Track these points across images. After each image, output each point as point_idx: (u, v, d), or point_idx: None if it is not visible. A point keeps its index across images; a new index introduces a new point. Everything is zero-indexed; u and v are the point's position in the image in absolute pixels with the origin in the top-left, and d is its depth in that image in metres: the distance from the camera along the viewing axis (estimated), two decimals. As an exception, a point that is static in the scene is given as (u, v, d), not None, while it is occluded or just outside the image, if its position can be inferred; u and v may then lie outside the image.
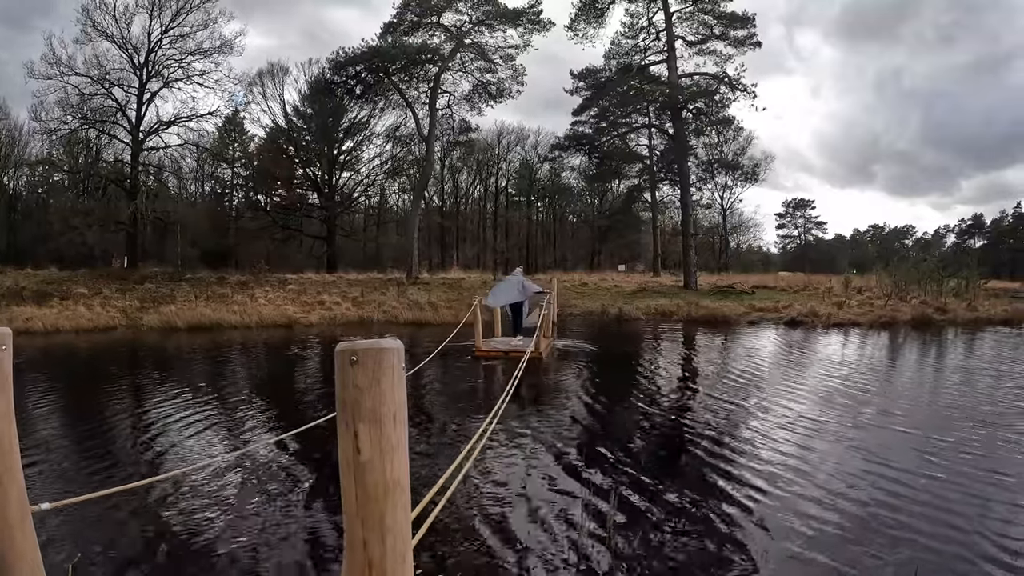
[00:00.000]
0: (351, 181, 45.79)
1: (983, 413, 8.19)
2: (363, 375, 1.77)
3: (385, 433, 1.79)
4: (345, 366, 1.78)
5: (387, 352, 1.80)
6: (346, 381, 1.79)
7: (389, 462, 1.81)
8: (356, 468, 1.78)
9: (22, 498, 2.56)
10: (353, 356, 1.77)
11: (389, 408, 1.80)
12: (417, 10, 35.74)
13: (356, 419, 1.77)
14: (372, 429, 1.77)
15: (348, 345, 1.80)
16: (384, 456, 1.80)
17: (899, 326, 21.10)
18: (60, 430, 7.35)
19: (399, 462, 1.83)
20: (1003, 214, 75.73)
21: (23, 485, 2.58)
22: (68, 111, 32.87)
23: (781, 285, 36.37)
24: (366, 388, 1.77)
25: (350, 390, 1.78)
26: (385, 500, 1.81)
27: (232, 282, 29.56)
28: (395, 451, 1.82)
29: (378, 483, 1.79)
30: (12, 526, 2.50)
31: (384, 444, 1.79)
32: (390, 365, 1.80)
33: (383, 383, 1.79)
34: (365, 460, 1.77)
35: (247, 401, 9.18)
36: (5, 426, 2.53)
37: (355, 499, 1.80)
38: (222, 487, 5.37)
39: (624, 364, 13.69)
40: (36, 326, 19.71)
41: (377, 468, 1.79)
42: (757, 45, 35.02)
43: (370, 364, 1.77)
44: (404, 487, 1.86)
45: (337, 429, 1.81)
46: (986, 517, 4.72)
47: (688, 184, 35.66)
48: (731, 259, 60.65)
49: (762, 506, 5.08)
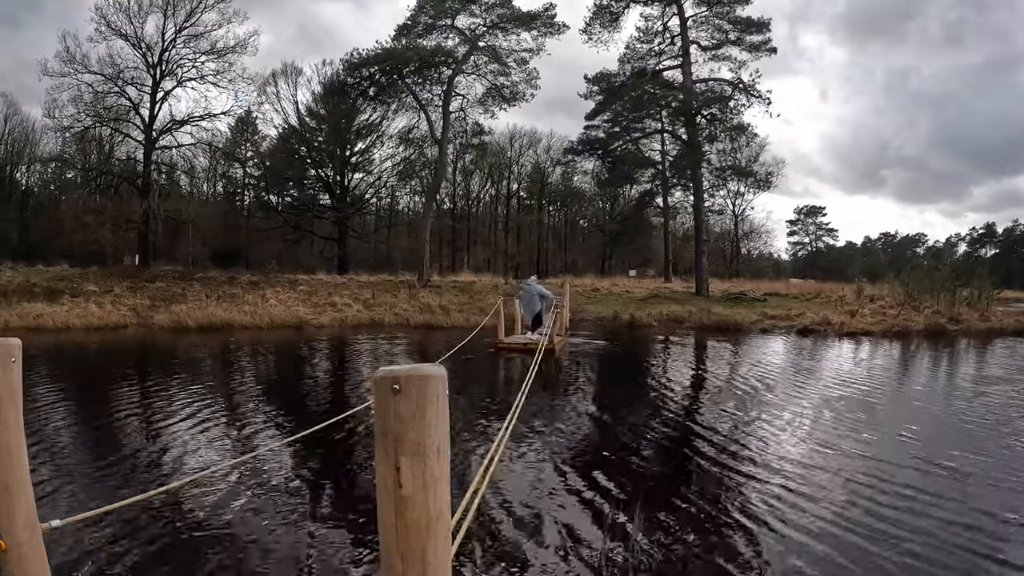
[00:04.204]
0: (363, 183, 45.92)
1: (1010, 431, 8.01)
2: (406, 405, 1.63)
3: (429, 466, 1.66)
4: (386, 395, 1.64)
5: (432, 380, 1.66)
6: (387, 411, 1.65)
7: (432, 496, 1.68)
8: (397, 502, 1.66)
9: (31, 515, 2.44)
10: (395, 384, 1.63)
11: (433, 440, 1.67)
12: (431, 12, 35.75)
13: (398, 452, 1.64)
14: (415, 463, 1.64)
15: (389, 372, 1.66)
16: (427, 490, 1.67)
17: (912, 336, 20.86)
18: (70, 435, 7.18)
19: (442, 494, 1.71)
20: (1015, 223, 75.28)
21: (32, 501, 2.47)
22: (81, 109, 33.14)
23: (793, 292, 36.15)
24: (409, 419, 1.64)
25: (391, 421, 1.64)
26: (427, 535, 1.69)
27: (243, 282, 29.61)
28: (438, 484, 1.69)
29: (420, 519, 1.67)
30: (20, 544, 2.38)
31: (427, 478, 1.66)
32: (435, 394, 1.67)
33: (428, 413, 1.66)
34: (407, 495, 1.64)
35: (262, 406, 9.04)
36: (14, 440, 2.41)
37: (395, 533, 1.68)
38: (238, 497, 5.24)
39: (636, 368, 13.59)
40: (47, 323, 19.76)
41: (420, 503, 1.66)
42: (772, 51, 34.87)
43: (413, 393, 1.64)
44: (446, 519, 1.73)
45: (376, 459, 1.69)
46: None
47: (701, 190, 35.45)
48: (742, 265, 60.35)
49: (776, 513, 5.03)
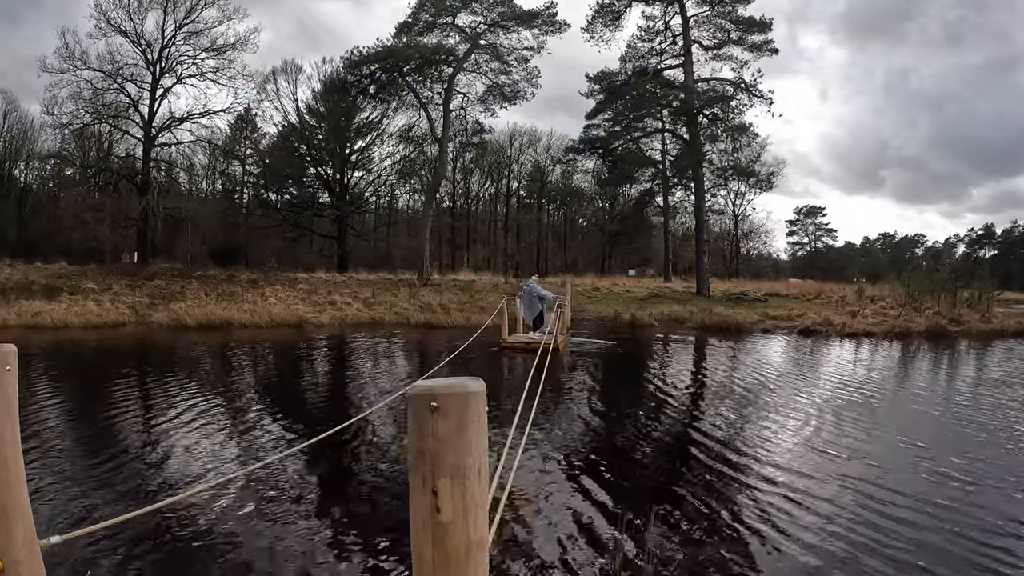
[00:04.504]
0: (363, 181, 45.74)
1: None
2: (445, 424, 1.50)
3: (470, 489, 1.53)
4: (423, 413, 1.51)
5: (472, 396, 1.53)
6: (424, 431, 1.52)
7: (473, 521, 1.55)
8: (435, 529, 1.52)
9: (29, 532, 2.35)
10: (433, 402, 1.50)
11: (474, 460, 1.54)
12: (432, 10, 35.58)
13: (436, 475, 1.51)
14: (455, 486, 1.51)
15: (426, 388, 1.53)
16: (468, 515, 1.54)
17: (913, 337, 20.78)
18: (68, 442, 6.92)
19: (482, 519, 1.58)
20: (1015, 224, 75.24)
21: (31, 517, 2.38)
22: (80, 105, 32.94)
23: (793, 293, 36.04)
24: (448, 439, 1.51)
25: (429, 441, 1.51)
26: (466, 563, 1.56)
27: (242, 280, 29.45)
28: (479, 508, 1.56)
29: (459, 546, 1.54)
30: (19, 563, 2.29)
31: (468, 502, 1.53)
32: (476, 411, 1.54)
33: (468, 432, 1.53)
34: (446, 521, 1.51)
35: (265, 410, 8.81)
36: (11, 455, 2.31)
37: (432, 563, 1.54)
38: (242, 510, 5.04)
39: (641, 369, 13.48)
40: (45, 321, 19.61)
41: (459, 529, 1.53)
42: (774, 51, 34.75)
43: (453, 411, 1.51)
44: (486, 546, 1.60)
45: (410, 484, 1.55)
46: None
47: (702, 190, 35.33)
48: (741, 265, 60.24)
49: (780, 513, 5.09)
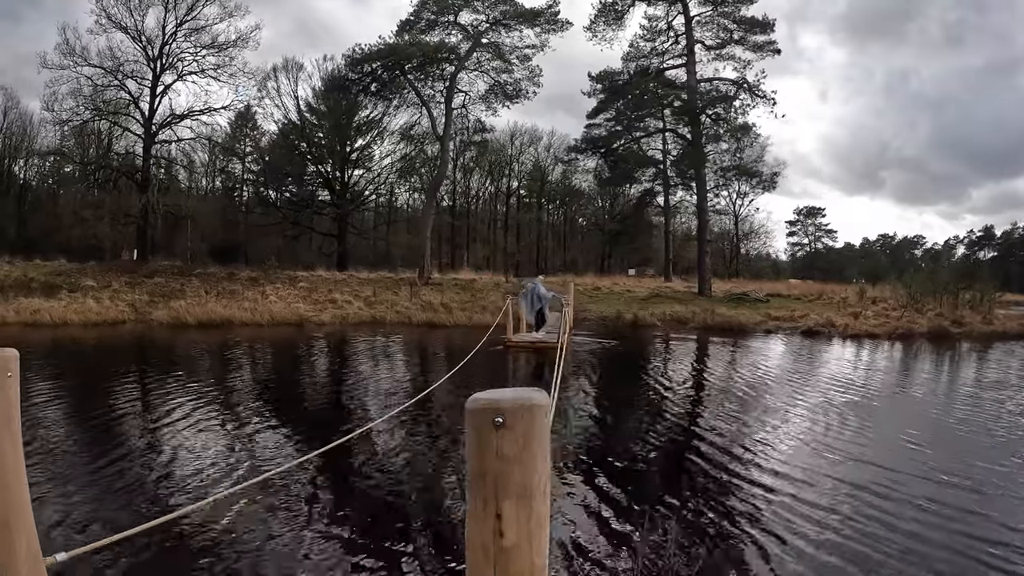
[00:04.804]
0: (363, 179, 45.56)
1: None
2: (511, 441, 1.37)
3: (535, 510, 1.40)
4: (485, 429, 1.38)
5: (539, 409, 1.40)
6: (486, 448, 1.39)
7: (537, 544, 1.42)
8: (497, 555, 1.39)
9: (33, 549, 2.18)
10: (498, 417, 1.37)
11: (540, 479, 1.41)
12: (434, 8, 35.43)
13: (501, 496, 1.38)
14: (520, 507, 1.38)
15: (489, 401, 1.39)
16: (532, 538, 1.41)
17: (916, 338, 20.76)
18: (70, 449, 6.60)
19: (545, 542, 1.44)
20: (1014, 226, 75.16)
21: (34, 533, 2.20)
22: (80, 102, 32.75)
23: (794, 293, 35.95)
24: (514, 457, 1.37)
25: (492, 460, 1.38)
26: (529, 591, 1.43)
27: (242, 278, 29.28)
28: (543, 530, 1.43)
29: (523, 571, 1.41)
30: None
31: (533, 524, 1.40)
32: (542, 425, 1.41)
33: (534, 448, 1.40)
34: (510, 545, 1.38)
35: (273, 414, 8.57)
36: (12, 468, 2.12)
37: (492, 592, 1.41)
38: (253, 520, 4.87)
39: (646, 369, 13.38)
40: (44, 318, 19.48)
41: (524, 554, 1.40)
42: (776, 52, 34.63)
43: (520, 427, 1.37)
44: (546, 570, 1.48)
45: (468, 507, 1.42)
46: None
47: (705, 190, 35.25)
48: (741, 266, 60.13)
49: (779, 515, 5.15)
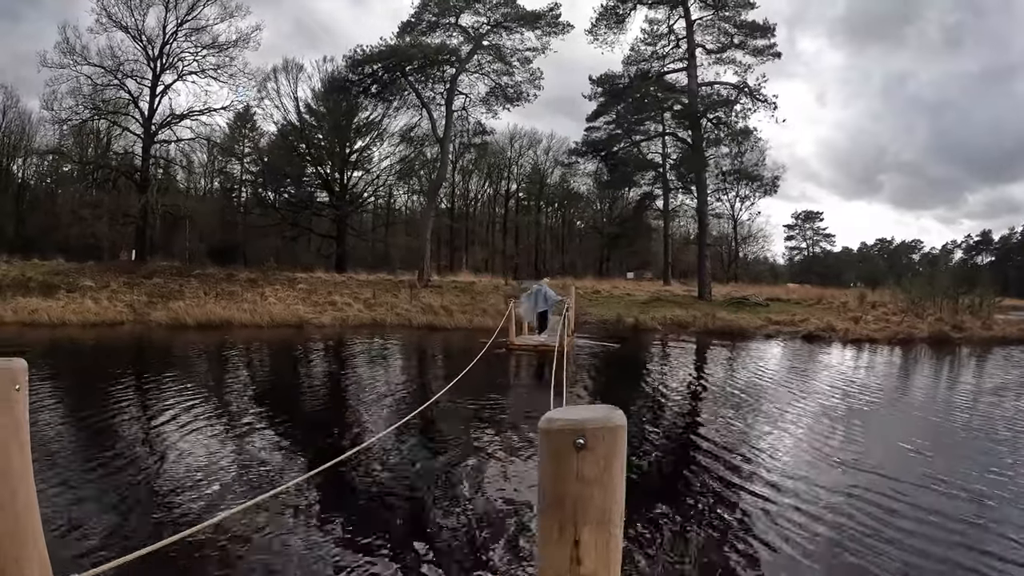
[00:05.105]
0: (362, 181, 45.37)
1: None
2: (592, 464, 1.30)
3: (614, 536, 1.33)
4: (566, 451, 1.30)
5: (621, 430, 1.33)
6: (566, 471, 1.31)
7: (614, 572, 1.35)
8: (574, 583, 1.32)
9: (45, 570, 2.09)
10: (580, 438, 1.29)
11: (619, 504, 1.34)
12: (435, 10, 35.33)
13: (580, 522, 1.30)
14: (599, 534, 1.31)
15: (569, 422, 1.31)
16: (611, 567, 1.33)
17: (916, 343, 20.78)
18: (74, 455, 6.31)
19: (619, 569, 1.38)
20: (1012, 231, 75.35)
21: (45, 555, 2.10)
22: (80, 101, 32.49)
23: (794, 297, 35.93)
24: (595, 481, 1.30)
25: (572, 484, 1.30)
26: (605, 620, 1.34)
27: (241, 279, 29.13)
28: (619, 556, 1.36)
29: (600, 601, 1.33)
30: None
31: (611, 551, 1.33)
32: (622, 447, 1.34)
33: (615, 470, 1.33)
34: (588, 573, 1.30)
35: (280, 420, 8.34)
36: (22, 486, 2.00)
37: (568, 625, 1.33)
38: (268, 534, 4.67)
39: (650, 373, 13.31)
40: (42, 318, 19.34)
41: (601, 583, 1.33)
42: (776, 56, 34.59)
43: (602, 448, 1.30)
44: (619, 599, 1.40)
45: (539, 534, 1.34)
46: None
47: (705, 194, 35.19)
48: (739, 269, 60.09)
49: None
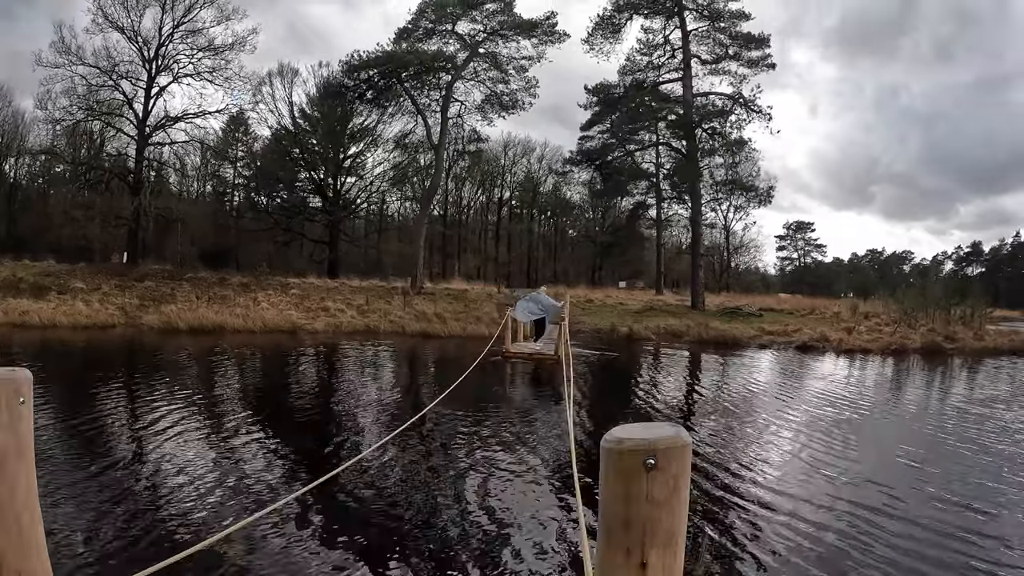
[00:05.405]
0: (355, 187, 45.25)
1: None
2: (662, 484, 1.26)
3: (678, 559, 1.30)
4: (635, 472, 1.26)
5: (688, 449, 1.30)
6: (636, 493, 1.27)
7: (679, 596, 1.31)
8: (640, 608, 1.28)
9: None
10: (651, 459, 1.25)
11: (683, 525, 1.31)
12: (432, 17, 35.37)
13: (648, 545, 1.27)
14: (667, 556, 1.27)
15: (641, 441, 1.27)
16: (676, 590, 1.30)
17: (909, 354, 20.90)
18: (70, 469, 6.09)
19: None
20: (1002, 242, 76.14)
21: (49, 569, 1.94)
22: (74, 101, 32.19)
23: (786, 308, 36.04)
24: (665, 502, 1.27)
25: (642, 505, 1.27)
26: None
27: (234, 283, 28.95)
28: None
29: (665, 626, 1.29)
30: None
31: (675, 574, 1.30)
32: (688, 466, 1.31)
33: (682, 491, 1.30)
34: (653, 597, 1.28)
35: (276, 430, 8.18)
36: (25, 508, 1.82)
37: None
38: (270, 548, 4.64)
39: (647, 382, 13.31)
40: (33, 320, 19.18)
41: (667, 607, 1.29)
42: (771, 67, 34.86)
43: (672, 468, 1.27)
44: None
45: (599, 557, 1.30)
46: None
47: (699, 204, 35.30)
48: (731, 279, 60.33)
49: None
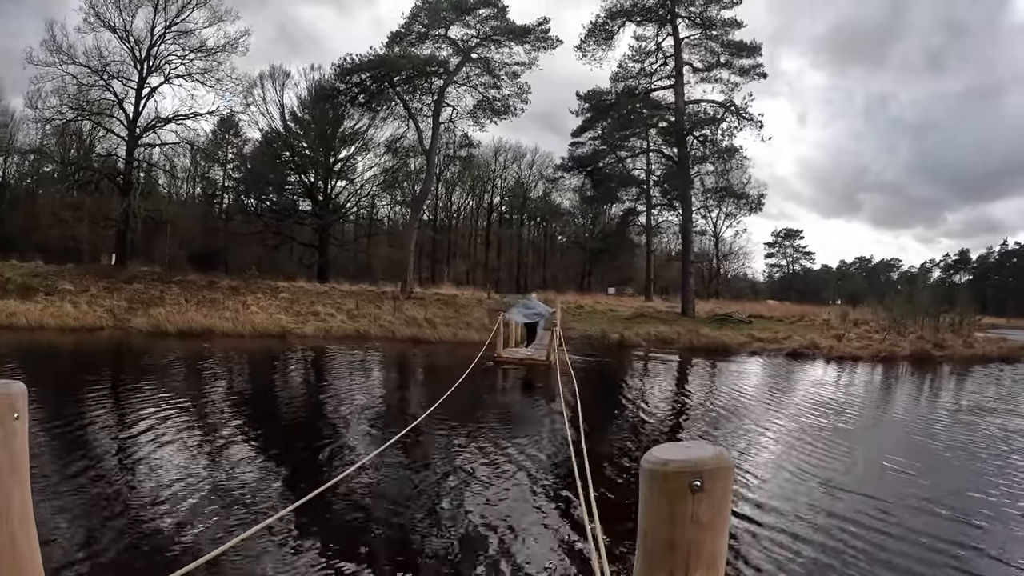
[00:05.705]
0: (345, 191, 45.10)
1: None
2: (708, 506, 1.24)
3: (721, 582, 1.28)
4: (681, 494, 1.24)
5: (732, 471, 1.28)
6: (681, 515, 1.25)
7: (721, 621, 1.28)
8: (683, 632, 1.25)
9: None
10: (697, 480, 1.23)
11: (725, 546, 1.29)
12: (425, 22, 35.34)
13: (692, 568, 1.24)
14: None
15: (684, 463, 1.25)
16: (719, 615, 1.27)
17: (899, 361, 21.11)
18: (60, 482, 5.87)
19: None
20: (989, 250, 77.08)
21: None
22: (64, 101, 31.79)
23: (776, 314, 36.27)
24: (709, 524, 1.24)
25: (687, 527, 1.24)
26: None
27: (223, 286, 28.68)
28: (724, 603, 1.30)
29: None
30: None
31: (718, 598, 1.28)
32: (731, 487, 1.29)
33: (725, 512, 1.27)
34: (696, 621, 1.25)
35: (269, 439, 8.08)
36: (21, 529, 1.73)
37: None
38: (267, 563, 4.57)
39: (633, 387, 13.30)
40: (19, 322, 18.97)
41: (709, 632, 1.26)
42: (762, 76, 35.09)
43: (717, 490, 1.24)
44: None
45: (640, 573, 1.27)
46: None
47: (690, 211, 35.44)
48: (720, 286, 60.59)
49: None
